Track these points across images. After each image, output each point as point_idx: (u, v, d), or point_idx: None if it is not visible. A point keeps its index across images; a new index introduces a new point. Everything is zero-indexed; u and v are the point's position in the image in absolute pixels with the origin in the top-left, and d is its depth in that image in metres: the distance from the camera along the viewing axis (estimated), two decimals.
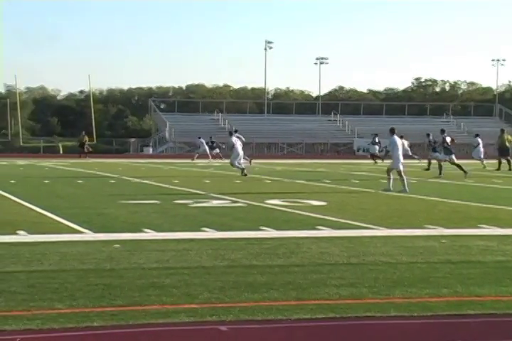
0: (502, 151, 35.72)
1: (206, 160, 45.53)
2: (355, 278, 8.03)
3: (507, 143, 35.87)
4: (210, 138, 50.51)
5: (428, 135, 38.53)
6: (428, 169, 33.63)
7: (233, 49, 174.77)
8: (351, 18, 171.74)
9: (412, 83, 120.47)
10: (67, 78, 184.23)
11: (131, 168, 36.48)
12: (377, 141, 47.19)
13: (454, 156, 29.20)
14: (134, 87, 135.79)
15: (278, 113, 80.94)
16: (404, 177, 20.87)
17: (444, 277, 8.16)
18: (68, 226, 12.35)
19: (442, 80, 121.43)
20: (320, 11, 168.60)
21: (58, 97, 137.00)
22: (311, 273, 8.28)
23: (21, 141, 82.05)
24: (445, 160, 29.35)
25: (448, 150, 29.33)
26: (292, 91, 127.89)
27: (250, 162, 39.17)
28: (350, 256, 9.55)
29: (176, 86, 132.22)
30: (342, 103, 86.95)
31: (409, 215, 14.61)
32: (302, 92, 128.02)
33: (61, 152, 67.48)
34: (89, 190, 20.79)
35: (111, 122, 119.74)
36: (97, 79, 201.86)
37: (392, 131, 21.66)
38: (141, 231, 11.75)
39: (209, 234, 11.61)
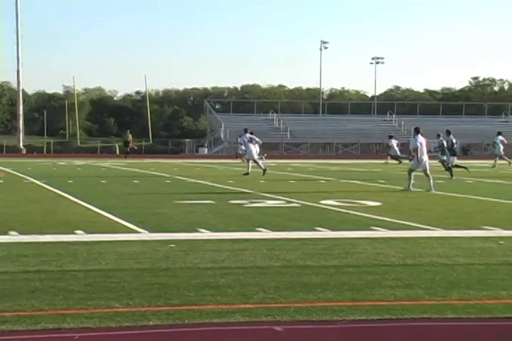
0: None
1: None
2: (411, 280, 7.95)
3: None
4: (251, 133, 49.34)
5: (438, 136, 38.01)
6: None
7: (288, 49, 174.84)
8: (408, 18, 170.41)
9: (470, 82, 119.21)
10: (123, 79, 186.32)
11: (186, 168, 36.70)
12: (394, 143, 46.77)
13: (455, 158, 29.18)
14: (189, 87, 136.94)
15: (333, 113, 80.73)
16: (431, 177, 21.10)
17: (503, 279, 8.04)
18: (124, 225, 12.47)
19: (501, 79, 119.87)
20: (376, 11, 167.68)
21: (115, 98, 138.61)
22: (366, 274, 8.23)
23: (79, 141, 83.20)
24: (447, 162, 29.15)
25: (453, 152, 29.24)
26: (347, 91, 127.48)
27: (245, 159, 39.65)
28: (405, 257, 9.47)
29: (231, 86, 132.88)
30: (398, 103, 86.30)
31: (466, 216, 14.43)
32: (357, 92, 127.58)
33: (117, 152, 68.13)
34: (145, 190, 20.97)
35: (166, 122, 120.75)
36: (153, 80, 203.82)
37: (417, 131, 21.85)
38: (196, 231, 11.81)
39: (264, 234, 11.61)
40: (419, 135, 21.53)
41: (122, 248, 9.92)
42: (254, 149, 30.64)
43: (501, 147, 39.22)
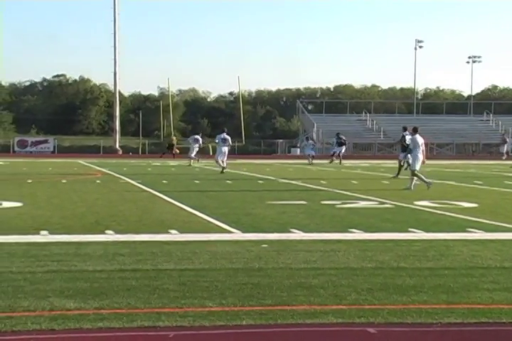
0: None
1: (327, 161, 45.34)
2: (509, 283, 7.77)
3: None
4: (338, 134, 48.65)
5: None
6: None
7: (382, 49, 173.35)
8: (502, 16, 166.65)
9: None
10: (217, 80, 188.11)
11: (278, 169, 36.79)
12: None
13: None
14: (282, 88, 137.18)
15: (427, 113, 79.64)
16: (415, 178, 21.40)
17: None
18: (217, 225, 12.57)
19: None
20: (471, 9, 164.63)
21: (208, 99, 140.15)
22: (462, 277, 8.08)
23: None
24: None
25: (406, 149, 28.33)
26: (443, 90, 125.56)
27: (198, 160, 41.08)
28: (503, 259, 9.26)
29: (324, 87, 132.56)
30: (495, 102, 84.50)
31: None
32: (453, 92, 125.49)
33: (211, 153, 68.91)
34: (238, 190, 21.11)
35: (259, 123, 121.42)
36: (246, 81, 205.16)
37: (415, 130, 22.25)
38: (288, 231, 11.81)
39: (356, 235, 11.53)
40: (417, 134, 22.12)
41: (215, 247, 10.00)
42: (223, 150, 31.62)
43: None
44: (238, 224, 12.66)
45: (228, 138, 32.19)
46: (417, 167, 21.60)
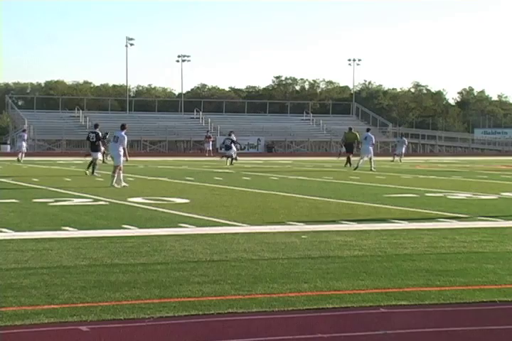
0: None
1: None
2: (217, 275, 8.08)
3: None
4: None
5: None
6: None
7: (94, 45, 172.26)
8: (214, 17, 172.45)
9: (273, 81, 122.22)
10: None
11: None
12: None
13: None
14: None
15: (140, 110, 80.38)
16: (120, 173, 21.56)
17: (305, 272, 8.33)
18: None
19: (302, 79, 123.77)
20: (185, 10, 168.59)
21: None
22: (174, 271, 8.28)
23: None
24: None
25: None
26: (155, 88, 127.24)
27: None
28: (213, 253, 9.61)
29: (35, 82, 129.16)
30: (204, 101, 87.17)
31: (271, 212, 14.81)
32: (165, 90, 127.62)
33: None
34: None
35: None
36: None
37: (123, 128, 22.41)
38: None
39: (70, 232, 11.41)
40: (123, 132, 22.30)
41: None
42: None
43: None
44: None
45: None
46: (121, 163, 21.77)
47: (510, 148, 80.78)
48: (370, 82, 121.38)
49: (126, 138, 22.22)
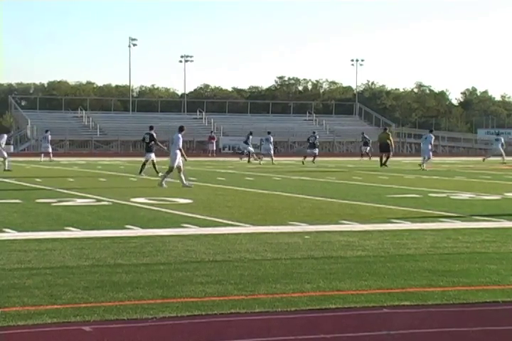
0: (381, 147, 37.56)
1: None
2: (220, 276, 8.09)
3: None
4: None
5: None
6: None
7: (97, 45, 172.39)
8: (214, 18, 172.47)
9: (276, 81, 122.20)
10: None
11: None
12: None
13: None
14: None
15: (143, 111, 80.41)
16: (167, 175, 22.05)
17: (307, 272, 8.33)
18: None
19: (304, 79, 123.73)
20: (183, 10, 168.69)
21: None
22: (177, 271, 8.29)
23: None
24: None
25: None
26: (158, 88, 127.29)
27: None
28: (216, 253, 9.61)
29: (38, 82, 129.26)
30: (207, 101, 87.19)
31: (273, 212, 14.81)
32: (168, 90, 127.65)
33: None
34: None
35: None
36: None
37: (180, 130, 23.26)
38: (1, 231, 11.44)
39: (73, 233, 11.42)
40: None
41: None
42: None
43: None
44: None
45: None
46: (175, 164, 21.88)
47: None
48: (373, 83, 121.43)
49: (181, 139, 22.70)
